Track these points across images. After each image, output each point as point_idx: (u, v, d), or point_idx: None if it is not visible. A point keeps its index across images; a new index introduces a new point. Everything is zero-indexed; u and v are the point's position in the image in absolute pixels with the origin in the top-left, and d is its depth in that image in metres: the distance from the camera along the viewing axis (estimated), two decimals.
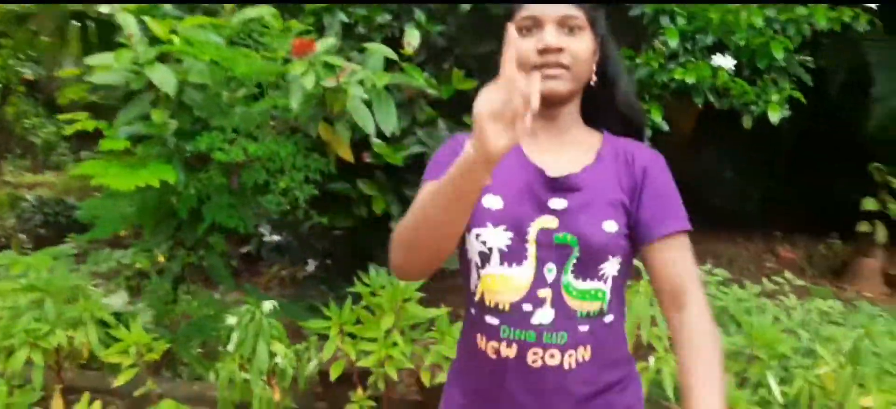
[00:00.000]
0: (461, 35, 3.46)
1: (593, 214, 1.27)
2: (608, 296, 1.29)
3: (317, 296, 3.94)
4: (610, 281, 1.28)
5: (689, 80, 3.08)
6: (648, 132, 3.08)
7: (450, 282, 3.94)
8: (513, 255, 1.27)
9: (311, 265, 4.24)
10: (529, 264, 1.26)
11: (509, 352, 1.27)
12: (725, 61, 3.10)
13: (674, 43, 3.16)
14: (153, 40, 2.54)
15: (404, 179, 3.46)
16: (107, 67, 2.51)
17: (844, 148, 6.07)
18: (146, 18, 2.56)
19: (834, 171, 6.60)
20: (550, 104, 1.29)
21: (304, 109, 2.50)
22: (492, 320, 1.28)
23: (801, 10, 3.30)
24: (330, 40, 2.57)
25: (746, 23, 3.17)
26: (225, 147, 2.50)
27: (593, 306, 1.28)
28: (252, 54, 2.54)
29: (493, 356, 1.28)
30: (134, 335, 2.59)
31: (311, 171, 2.68)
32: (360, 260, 4.23)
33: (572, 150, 1.33)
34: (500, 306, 1.27)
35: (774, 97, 3.11)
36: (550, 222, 1.27)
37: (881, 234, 5.84)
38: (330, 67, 2.49)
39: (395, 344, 2.50)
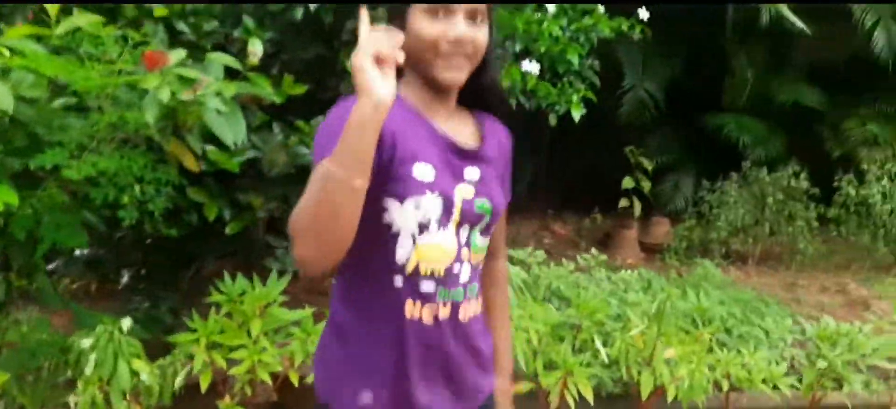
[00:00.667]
0: (287, 40, 3.53)
1: (496, 184, 1.48)
2: (486, 246, 1.51)
3: (136, 307, 3.82)
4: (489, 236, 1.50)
5: (505, 83, 3.42)
6: None
7: (304, 283, 4.02)
8: (443, 221, 1.37)
9: (126, 276, 4.06)
10: (452, 229, 1.39)
11: (445, 312, 1.41)
12: (532, 67, 3.48)
13: None
14: None
15: (237, 184, 3.47)
16: None
17: (603, 134, 6.88)
18: None
19: (595, 154, 7.47)
20: (447, 89, 1.40)
21: (158, 123, 2.47)
22: (428, 286, 1.38)
23: (588, 21, 3.78)
24: (180, 52, 2.55)
25: (547, 31, 3.59)
26: (72, 164, 2.40)
27: (483, 258, 1.50)
28: (90, 66, 2.45)
29: (430, 322, 1.39)
30: None
31: (162, 183, 2.64)
32: (181, 268, 4.15)
33: (462, 126, 1.47)
34: (436, 272, 1.38)
35: (574, 97, 3.57)
36: (469, 190, 1.41)
37: (637, 208, 6.74)
38: (183, 80, 2.48)
39: (264, 349, 2.58)
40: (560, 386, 2.77)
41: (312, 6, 3.19)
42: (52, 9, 2.71)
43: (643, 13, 3.84)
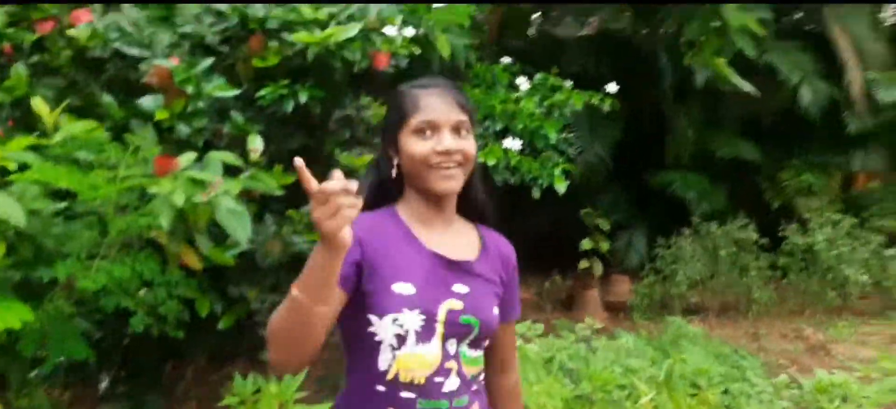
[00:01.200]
0: (273, 131, 3.55)
1: (487, 300, 1.55)
2: (482, 360, 1.57)
3: None
4: (484, 346, 1.56)
5: (490, 161, 3.52)
6: None
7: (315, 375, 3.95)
8: (424, 334, 1.44)
9: (105, 380, 3.91)
10: (437, 342, 1.46)
11: None
12: (514, 144, 3.59)
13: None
14: None
15: (229, 277, 3.43)
16: None
17: (556, 197, 7.03)
18: None
19: (550, 217, 7.61)
20: (444, 198, 1.52)
21: (172, 227, 2.45)
22: (408, 394, 1.44)
23: (560, 97, 3.93)
24: (190, 155, 2.55)
25: (525, 109, 3.71)
26: (86, 274, 2.35)
27: (478, 370, 1.55)
28: (95, 174, 2.43)
29: None
30: None
31: (172, 286, 2.61)
32: (166, 366, 4.03)
33: (459, 238, 1.57)
34: (415, 381, 1.44)
35: (556, 171, 3.69)
36: (456, 304, 1.48)
37: (597, 268, 6.88)
38: (195, 182, 2.48)
39: None
40: None
41: (302, 99, 3.22)
42: (50, 117, 2.69)
43: (612, 87, 4.02)
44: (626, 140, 8.01)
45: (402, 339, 1.43)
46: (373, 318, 1.43)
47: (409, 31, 3.37)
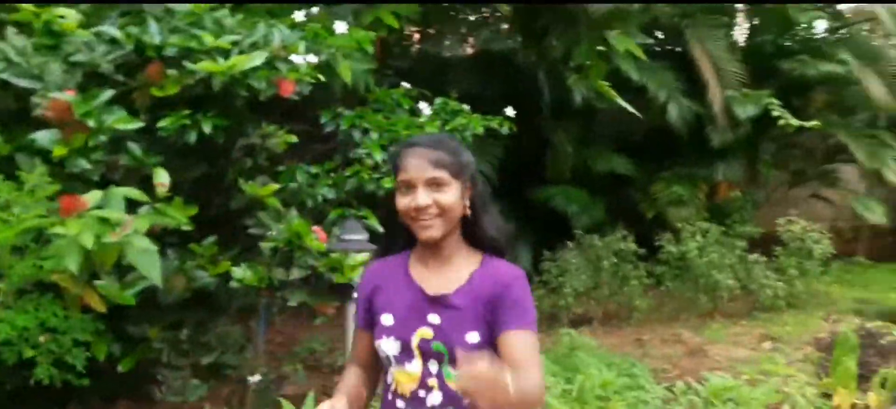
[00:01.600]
0: (171, 161, 3.41)
1: (461, 329, 1.68)
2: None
3: None
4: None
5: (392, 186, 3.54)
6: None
7: None
8: (403, 357, 1.71)
9: None
10: (417, 363, 1.70)
11: None
12: None
13: (378, 156, 3.59)
14: None
15: (128, 316, 3.26)
16: None
17: None
18: None
19: None
20: (429, 243, 1.70)
21: (80, 268, 2.31)
22: (400, 403, 1.73)
23: (462, 120, 4.01)
24: (97, 194, 2.42)
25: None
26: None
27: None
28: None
29: None
30: None
31: (75, 331, 2.45)
32: None
33: (450, 271, 1.73)
34: (403, 393, 1.72)
35: None
36: (427, 333, 1.69)
37: None
38: (104, 221, 2.35)
39: None
40: None
41: (206, 128, 3.11)
42: None
43: (510, 111, 4.13)
44: (509, 157, 8.23)
45: (387, 360, 1.75)
46: (376, 342, 1.75)
47: (313, 59, 3.34)
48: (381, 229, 3.65)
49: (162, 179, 2.78)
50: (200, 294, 3.36)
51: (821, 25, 9.76)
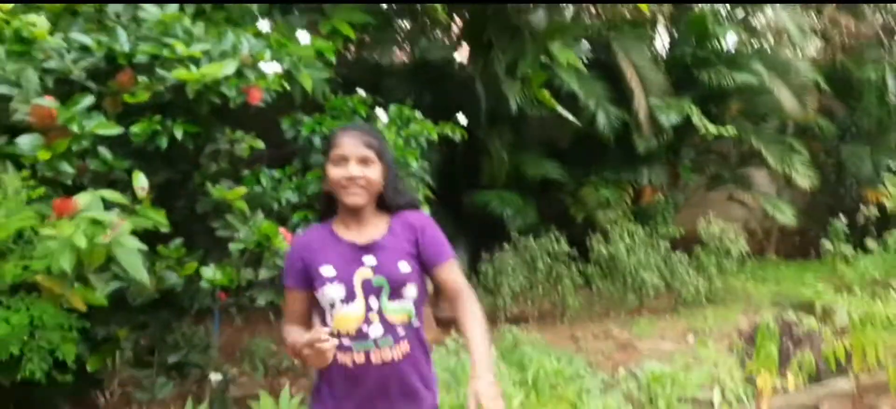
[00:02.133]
0: (140, 166, 3.49)
1: (394, 262, 2.15)
2: (412, 310, 2.17)
3: None
4: (411, 301, 2.17)
5: None
6: None
7: None
8: (347, 299, 2.12)
9: None
10: (360, 302, 2.12)
11: (360, 358, 2.11)
12: None
13: None
14: None
15: (96, 317, 3.31)
16: None
17: None
18: None
19: None
20: (355, 208, 2.17)
21: (73, 269, 2.41)
22: (345, 341, 2.11)
23: (417, 128, 4.21)
24: (87, 196, 2.51)
25: (394, 139, 3.95)
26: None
27: (404, 317, 2.15)
28: None
29: (350, 365, 2.12)
30: None
31: (66, 329, 2.54)
32: None
33: (370, 228, 2.22)
34: (347, 332, 2.12)
35: (419, 195, 3.95)
36: (367, 272, 2.14)
37: (430, 286, 7.20)
38: (95, 223, 2.45)
39: None
40: None
41: (178, 134, 3.21)
42: None
43: (462, 119, 4.36)
44: (445, 163, 8.46)
45: (332, 304, 2.13)
46: (316, 293, 2.16)
47: (277, 68, 3.47)
48: None
49: (142, 183, 2.88)
50: (166, 296, 3.45)
51: (731, 39, 10.40)
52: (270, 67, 3.40)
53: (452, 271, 2.22)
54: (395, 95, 6.56)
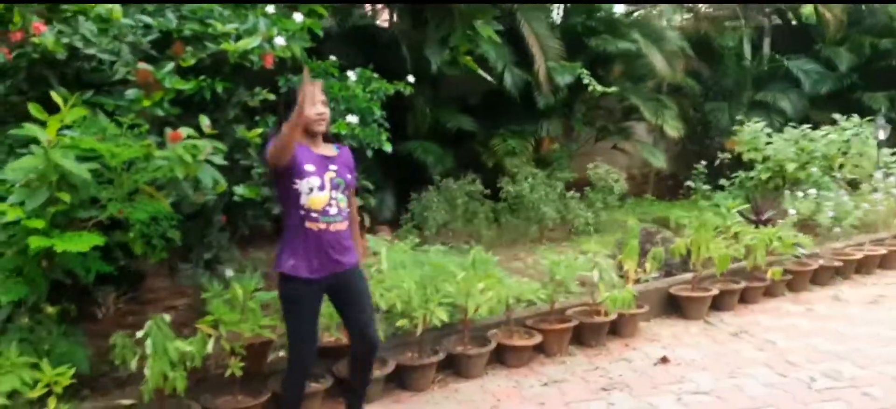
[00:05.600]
0: (186, 112, 4.69)
1: (345, 171, 3.65)
2: (346, 200, 3.62)
3: None
4: (348, 196, 3.65)
5: (342, 131, 5.04)
6: None
7: None
8: (319, 188, 3.48)
9: None
10: (326, 191, 3.51)
11: (323, 226, 3.49)
12: (354, 119, 5.14)
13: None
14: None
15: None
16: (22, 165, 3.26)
17: None
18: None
19: None
20: (318, 133, 3.56)
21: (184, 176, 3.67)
22: (315, 214, 3.47)
23: (377, 85, 5.55)
24: (187, 130, 3.76)
25: (358, 95, 5.27)
26: (128, 209, 3.51)
27: (346, 205, 3.62)
28: (122, 143, 3.56)
29: (317, 230, 3.47)
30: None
31: (172, 220, 3.81)
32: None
33: (325, 149, 3.63)
34: (317, 208, 3.47)
35: (383, 137, 5.32)
36: (332, 173, 3.56)
37: (367, 220, 8.54)
38: (194, 147, 3.71)
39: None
40: (423, 314, 4.53)
41: (219, 90, 4.44)
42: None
43: (411, 78, 5.72)
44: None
45: (310, 189, 3.45)
46: (298, 181, 3.44)
47: (283, 41, 4.74)
48: None
49: (206, 122, 4.10)
50: (200, 210, 4.70)
51: (619, 8, 12.10)
52: (279, 40, 4.66)
53: (353, 195, 3.84)
54: (336, 55, 7.83)
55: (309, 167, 3.46)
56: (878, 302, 6.61)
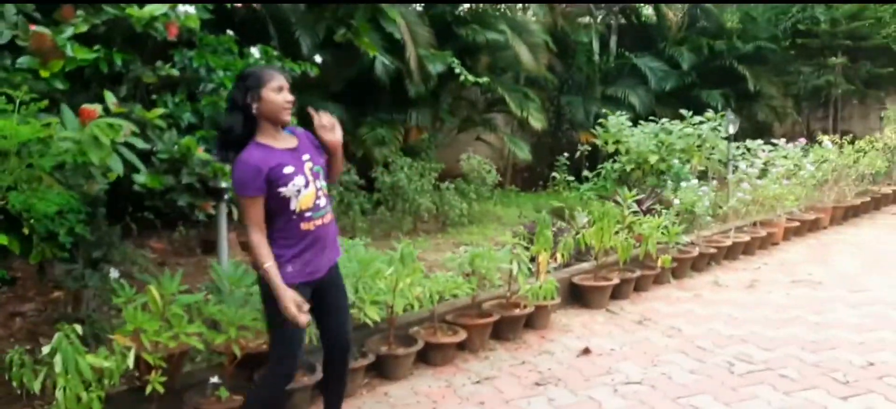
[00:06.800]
0: (76, 89, 4.00)
1: (317, 158, 3.26)
2: (327, 184, 3.27)
3: None
4: (325, 176, 3.28)
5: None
6: None
7: None
8: (306, 185, 3.13)
9: None
10: (311, 185, 3.15)
11: (317, 223, 3.18)
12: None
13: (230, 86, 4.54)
14: None
15: None
16: None
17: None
18: None
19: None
20: (285, 125, 3.18)
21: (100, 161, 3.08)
22: (308, 213, 3.14)
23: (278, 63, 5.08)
24: (99, 107, 3.16)
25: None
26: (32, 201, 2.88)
27: (326, 188, 3.27)
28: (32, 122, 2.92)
29: (311, 229, 3.16)
30: None
31: (79, 212, 3.19)
32: None
33: (288, 140, 3.21)
34: (309, 206, 3.14)
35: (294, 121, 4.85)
36: (310, 164, 3.18)
37: (235, 214, 7.94)
38: (111, 127, 3.12)
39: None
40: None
41: (118, 62, 3.82)
42: None
43: (318, 58, 5.28)
44: None
45: (297, 191, 3.08)
46: (283, 189, 3.04)
47: (190, 9, 4.18)
48: None
49: (112, 99, 3.49)
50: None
51: None
52: (188, 8, 4.11)
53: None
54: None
55: (288, 169, 3.07)
56: (754, 286, 7.01)
